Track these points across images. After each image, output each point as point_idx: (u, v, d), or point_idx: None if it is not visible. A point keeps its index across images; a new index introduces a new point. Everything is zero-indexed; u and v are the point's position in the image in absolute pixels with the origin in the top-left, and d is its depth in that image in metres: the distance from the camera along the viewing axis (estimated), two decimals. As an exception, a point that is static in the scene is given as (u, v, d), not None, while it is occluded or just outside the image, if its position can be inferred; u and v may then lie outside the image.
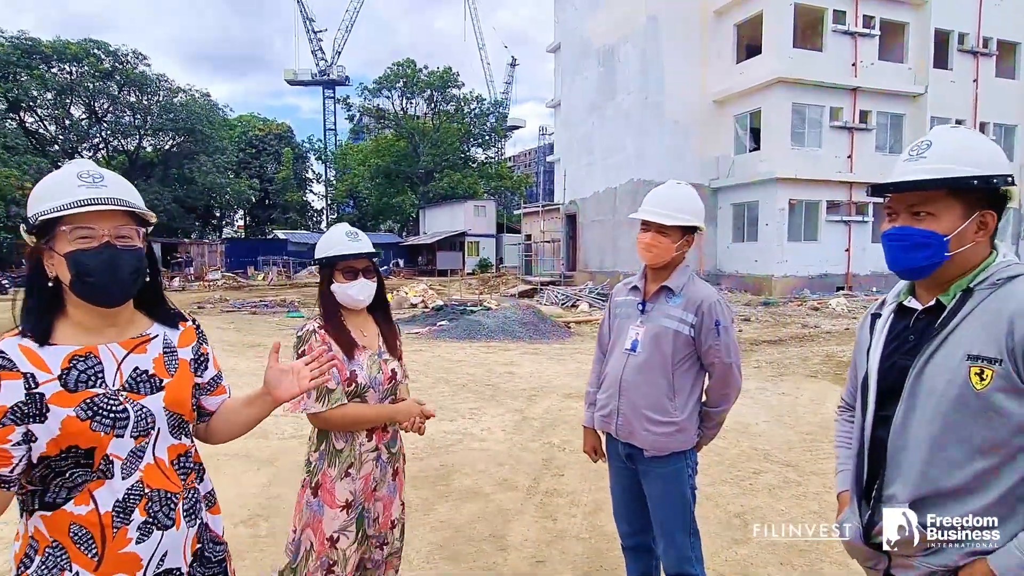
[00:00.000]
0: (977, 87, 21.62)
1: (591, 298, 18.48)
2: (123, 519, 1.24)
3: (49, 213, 1.20)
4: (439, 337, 11.98)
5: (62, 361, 1.23)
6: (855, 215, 20.50)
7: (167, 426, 1.34)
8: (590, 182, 24.64)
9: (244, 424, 1.49)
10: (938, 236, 1.28)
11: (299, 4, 65.99)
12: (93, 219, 1.22)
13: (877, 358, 1.41)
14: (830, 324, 13.73)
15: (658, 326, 2.24)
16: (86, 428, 1.21)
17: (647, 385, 2.23)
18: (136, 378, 1.30)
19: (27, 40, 35.27)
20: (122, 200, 1.25)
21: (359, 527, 2.10)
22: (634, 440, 2.26)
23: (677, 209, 2.23)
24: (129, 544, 1.24)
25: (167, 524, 1.30)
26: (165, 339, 1.40)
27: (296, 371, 1.40)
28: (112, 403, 1.25)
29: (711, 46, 21.65)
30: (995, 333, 1.20)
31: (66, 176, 1.25)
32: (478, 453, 5.07)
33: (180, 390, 1.37)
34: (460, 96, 51.87)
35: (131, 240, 1.28)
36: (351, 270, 2.13)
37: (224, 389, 1.53)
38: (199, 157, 41.15)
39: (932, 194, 1.29)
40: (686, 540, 2.25)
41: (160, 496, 1.30)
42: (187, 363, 1.42)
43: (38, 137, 38.48)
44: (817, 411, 6.40)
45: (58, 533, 1.22)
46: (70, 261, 1.21)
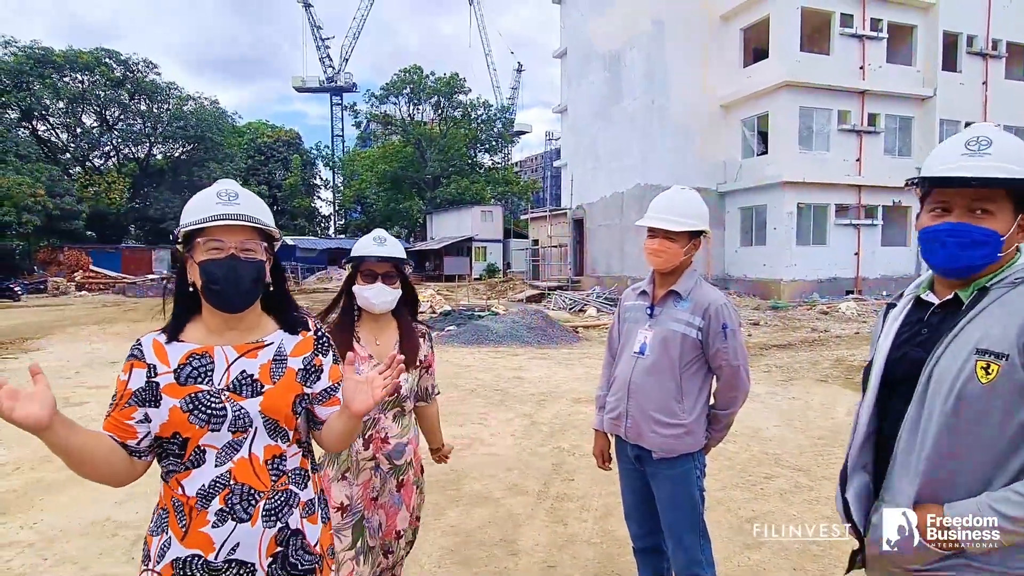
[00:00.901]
0: (987, 89, 21.48)
1: (599, 302, 18.45)
2: (204, 503, 1.36)
3: (189, 226, 1.37)
4: (447, 342, 12.00)
5: (181, 357, 1.40)
6: (864, 218, 20.38)
7: (264, 427, 1.42)
8: (597, 187, 24.63)
9: (340, 436, 1.51)
10: (996, 235, 1.26)
11: (307, 12, 66.50)
12: (223, 233, 1.38)
13: (887, 347, 1.42)
14: (840, 328, 13.65)
15: (666, 329, 2.27)
16: (185, 420, 1.35)
17: (655, 388, 2.26)
18: (241, 380, 1.41)
19: (40, 50, 35.79)
20: (249, 216, 1.39)
21: (357, 534, 2.10)
22: (643, 442, 2.29)
23: (682, 214, 2.26)
24: (207, 526, 1.36)
25: (243, 518, 1.37)
26: (279, 347, 1.49)
27: (370, 381, 1.41)
28: (213, 400, 1.38)
29: (717, 50, 21.63)
30: (1007, 328, 1.20)
31: (209, 194, 1.42)
32: (488, 458, 5.07)
33: (279, 397, 1.43)
34: (467, 102, 51.98)
35: (254, 253, 1.41)
36: (371, 273, 2.17)
37: (338, 401, 1.53)
38: (208, 164, 41.49)
39: (993, 192, 1.26)
40: (695, 542, 2.26)
41: (242, 490, 1.38)
42: (294, 372, 1.48)
43: (50, 145, 38.95)
44: (828, 415, 6.36)
45: (167, 502, 1.41)
46: (201, 269, 1.37)
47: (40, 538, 3.54)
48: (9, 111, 35.62)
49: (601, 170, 24.34)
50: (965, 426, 1.23)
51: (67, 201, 32.15)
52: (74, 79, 37.43)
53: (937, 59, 20.69)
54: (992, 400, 1.20)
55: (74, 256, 31.88)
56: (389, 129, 53.61)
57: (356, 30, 67.84)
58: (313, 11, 66.56)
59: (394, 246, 2.21)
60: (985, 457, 1.23)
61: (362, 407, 1.40)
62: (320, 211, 62.91)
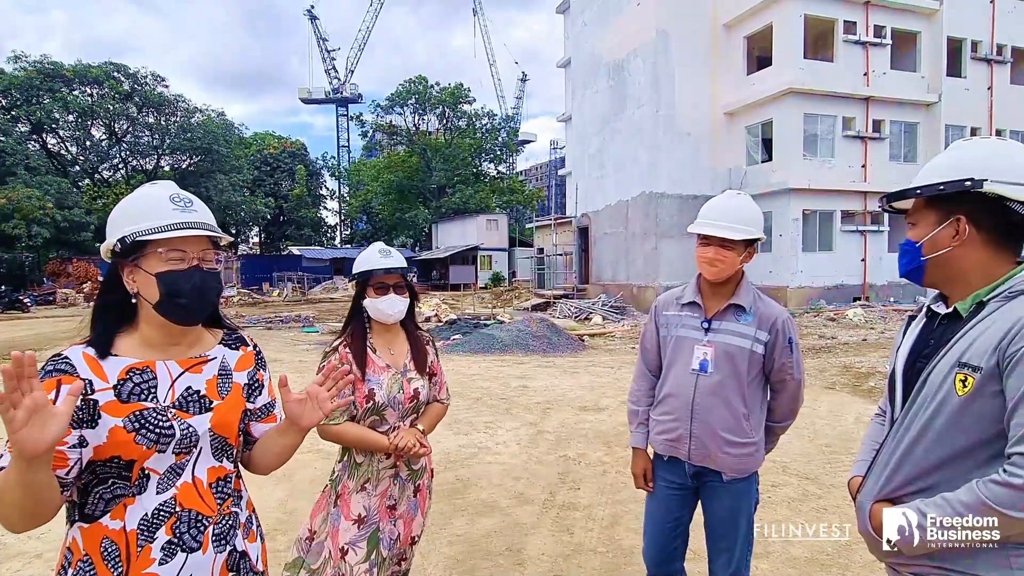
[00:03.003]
0: (992, 95, 21.41)
1: (604, 311, 18.43)
2: (148, 537, 1.24)
3: (148, 234, 1.24)
4: (453, 351, 12.00)
5: (119, 372, 1.27)
6: (870, 224, 20.30)
7: (210, 447, 1.34)
8: (602, 195, 24.65)
9: (280, 454, 1.47)
10: (911, 243, 1.38)
11: (313, 24, 67.22)
12: (185, 242, 1.29)
13: (904, 358, 1.45)
14: (847, 335, 13.57)
15: (731, 345, 2.15)
16: (130, 440, 1.23)
17: (723, 407, 2.15)
18: (187, 397, 1.32)
19: (50, 64, 36.28)
20: (209, 225, 1.33)
21: (371, 546, 2.11)
22: (711, 463, 2.18)
23: (739, 220, 2.12)
24: (152, 564, 1.24)
25: (193, 547, 1.28)
26: (223, 362, 1.42)
27: (314, 396, 1.39)
28: (160, 419, 1.27)
29: (721, 58, 21.66)
30: (987, 342, 1.22)
31: (159, 198, 1.31)
32: (493, 467, 5.06)
33: (229, 413, 1.38)
34: (471, 112, 52.33)
35: (212, 263, 1.35)
36: (382, 285, 2.21)
37: (275, 418, 1.51)
38: (215, 176, 41.83)
39: (916, 203, 1.38)
40: (745, 557, 2.23)
41: (190, 517, 1.29)
42: (240, 387, 1.43)
43: (59, 158, 39.37)
44: (836, 423, 6.32)
45: (91, 547, 1.23)
46: (161, 281, 1.26)
47: (48, 548, 3.54)
48: (19, 125, 36.02)
49: (606, 178, 24.37)
50: (936, 436, 1.27)
51: (76, 213, 32.45)
52: (83, 92, 37.87)
53: (941, 65, 20.65)
54: (965, 413, 1.23)
55: (83, 268, 32.11)
56: (394, 139, 53.99)
57: (361, 42, 68.50)
58: (319, 23, 67.34)
59: (398, 257, 2.27)
60: (954, 468, 1.26)
61: (310, 423, 1.39)
62: (326, 221, 63.34)
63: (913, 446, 1.31)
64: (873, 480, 1.41)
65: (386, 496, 2.17)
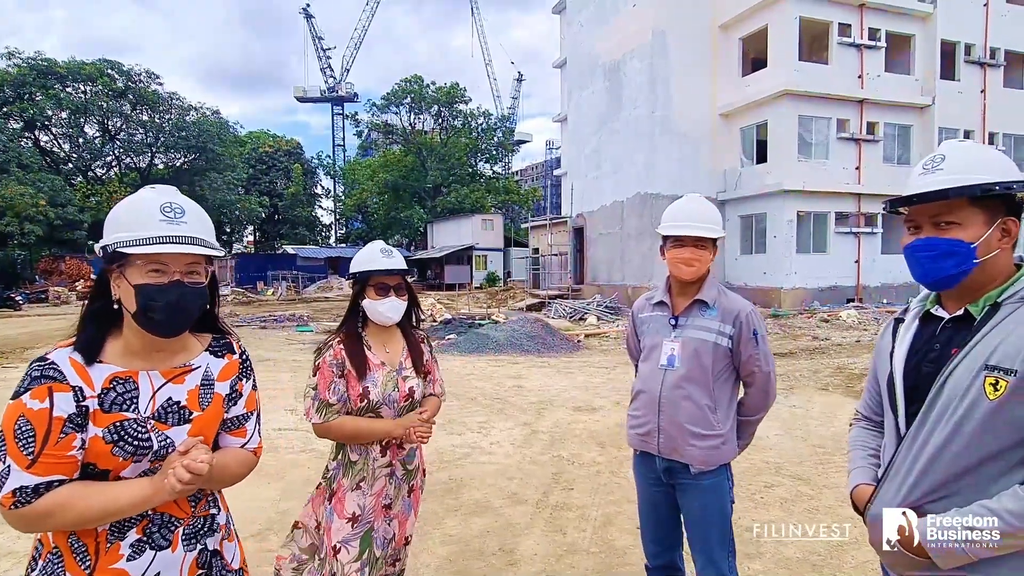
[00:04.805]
0: (985, 98, 21.55)
1: (599, 311, 18.44)
2: (118, 535, 1.25)
3: (126, 246, 1.21)
4: (447, 351, 11.98)
5: (104, 380, 1.25)
6: (864, 226, 20.40)
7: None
8: (598, 195, 24.68)
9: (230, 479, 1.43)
10: (964, 244, 1.28)
11: (308, 23, 67.08)
12: (167, 256, 1.24)
13: (902, 362, 1.42)
14: (840, 336, 13.63)
15: (696, 339, 2.21)
16: (107, 451, 1.22)
17: (689, 400, 2.20)
18: (167, 408, 1.31)
19: (43, 61, 36.03)
20: (198, 239, 1.27)
21: (364, 545, 2.09)
22: (679, 456, 2.22)
23: (709, 220, 2.23)
24: (120, 560, 1.25)
25: (163, 545, 1.30)
26: (206, 371, 1.40)
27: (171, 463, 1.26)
28: (139, 430, 1.26)
29: (718, 60, 21.72)
30: (1017, 344, 1.20)
31: (149, 207, 1.26)
32: (487, 467, 5.05)
33: (207, 425, 1.37)
34: (467, 111, 52.27)
35: (198, 277, 1.31)
36: (383, 286, 2.15)
37: (245, 432, 1.47)
38: (210, 174, 41.66)
39: (955, 203, 1.29)
40: (724, 555, 2.23)
41: (162, 519, 1.31)
42: (222, 398, 1.42)
43: (52, 156, 39.15)
44: (829, 424, 6.34)
45: (59, 540, 1.25)
46: (139, 293, 1.23)
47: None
48: (12, 122, 35.79)
49: (602, 179, 24.40)
50: (966, 441, 1.24)
51: (69, 211, 32.26)
52: (77, 90, 37.64)
53: (935, 68, 20.75)
54: (998, 416, 1.20)
55: (75, 266, 31.97)
56: (390, 138, 53.84)
57: (358, 41, 68.44)
58: (315, 22, 67.25)
59: (399, 256, 2.23)
60: (980, 473, 1.23)
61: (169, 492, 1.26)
62: (321, 220, 63.14)
63: (941, 452, 1.27)
64: (893, 490, 1.35)
65: (382, 495, 2.15)
